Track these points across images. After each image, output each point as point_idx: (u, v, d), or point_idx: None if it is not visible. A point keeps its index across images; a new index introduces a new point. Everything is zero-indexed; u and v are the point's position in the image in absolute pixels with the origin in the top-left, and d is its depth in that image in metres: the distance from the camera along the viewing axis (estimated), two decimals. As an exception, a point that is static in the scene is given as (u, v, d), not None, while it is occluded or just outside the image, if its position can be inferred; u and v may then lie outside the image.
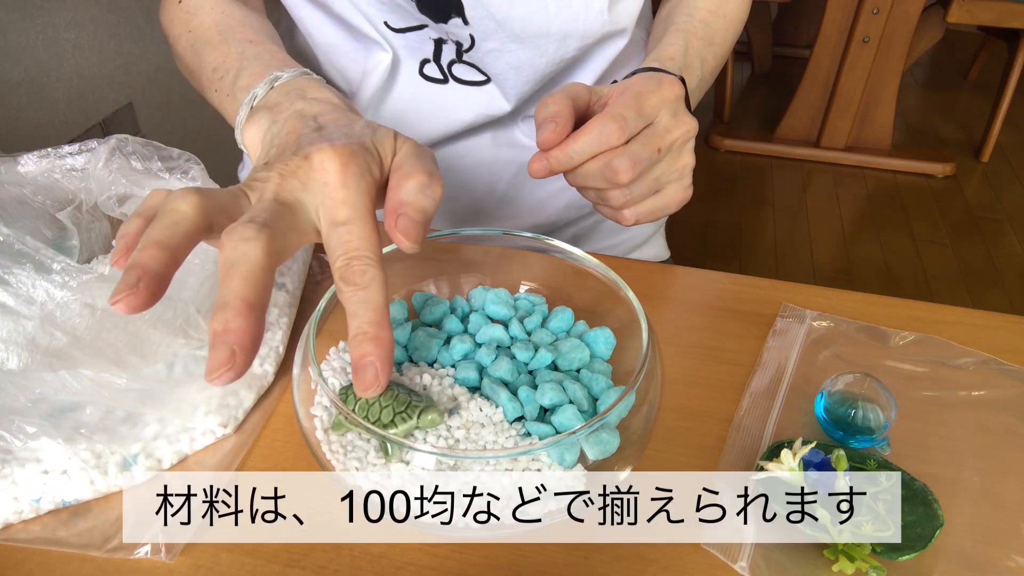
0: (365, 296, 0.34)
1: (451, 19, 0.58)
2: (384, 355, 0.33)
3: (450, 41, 0.61)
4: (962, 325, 0.54)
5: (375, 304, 0.34)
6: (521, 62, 0.61)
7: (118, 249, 0.35)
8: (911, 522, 0.39)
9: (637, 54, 0.72)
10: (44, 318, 0.38)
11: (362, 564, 0.38)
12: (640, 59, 0.74)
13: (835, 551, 0.37)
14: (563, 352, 0.43)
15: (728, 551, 0.38)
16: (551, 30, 0.59)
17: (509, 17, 0.58)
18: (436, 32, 0.61)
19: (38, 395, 0.41)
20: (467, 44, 0.61)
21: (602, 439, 0.39)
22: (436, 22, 0.59)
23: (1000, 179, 2.34)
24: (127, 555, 0.38)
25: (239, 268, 0.31)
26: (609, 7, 0.60)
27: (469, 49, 0.61)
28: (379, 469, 0.37)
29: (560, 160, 0.47)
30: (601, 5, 0.60)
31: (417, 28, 0.61)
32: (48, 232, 0.50)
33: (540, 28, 0.59)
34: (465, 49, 0.61)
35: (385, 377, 0.34)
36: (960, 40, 3.03)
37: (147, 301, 0.30)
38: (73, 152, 0.51)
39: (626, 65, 0.71)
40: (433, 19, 0.59)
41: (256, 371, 0.47)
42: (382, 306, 0.34)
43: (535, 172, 0.47)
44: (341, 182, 0.36)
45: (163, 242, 0.31)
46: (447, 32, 0.60)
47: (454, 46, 0.62)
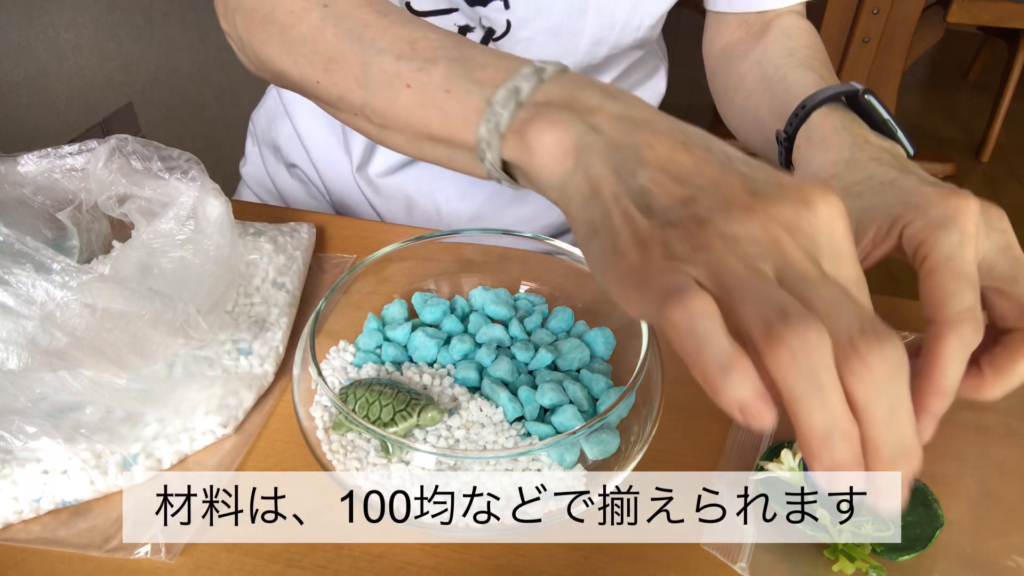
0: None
1: (492, 1, 0.57)
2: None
3: (478, 28, 0.60)
4: (962, 325, 0.54)
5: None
6: (549, 57, 0.60)
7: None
8: (911, 522, 0.39)
9: (648, 65, 0.72)
10: (44, 318, 0.38)
11: (362, 564, 0.38)
12: (651, 70, 0.74)
13: (835, 551, 0.37)
14: (563, 352, 0.44)
15: (728, 551, 0.38)
16: (585, 31, 0.59)
17: (549, 6, 0.57)
18: (464, 17, 0.59)
19: (38, 395, 0.41)
20: (500, 31, 0.59)
21: (602, 439, 0.39)
22: (472, 5, 0.57)
23: (1000, 179, 2.34)
24: (127, 555, 0.38)
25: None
26: (650, 26, 0.60)
27: (501, 37, 0.59)
28: (379, 469, 0.37)
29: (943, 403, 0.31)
30: (641, 23, 0.60)
31: (444, 12, 0.59)
32: (48, 232, 0.50)
33: (576, 26, 0.59)
34: (496, 37, 0.59)
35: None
36: (960, 40, 3.03)
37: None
38: (73, 152, 0.51)
39: (637, 73, 0.71)
40: (470, 1, 0.57)
41: (256, 371, 0.47)
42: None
43: (925, 434, 0.31)
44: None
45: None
46: (481, 17, 0.58)
47: (481, 33, 0.60)
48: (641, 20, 0.60)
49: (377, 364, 0.44)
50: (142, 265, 0.42)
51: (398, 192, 0.71)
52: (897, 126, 0.45)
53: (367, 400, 0.38)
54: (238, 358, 0.47)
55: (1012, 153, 2.46)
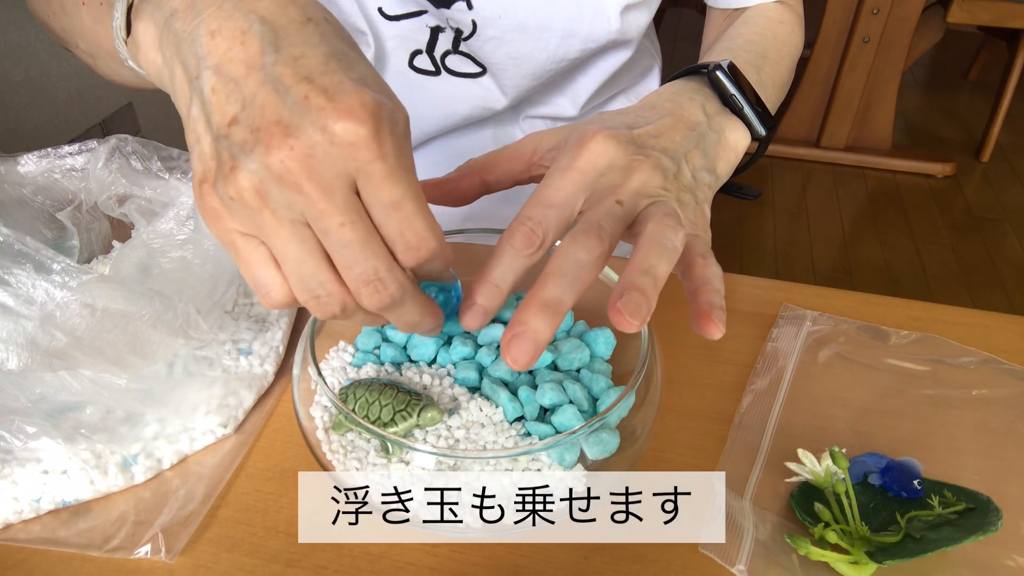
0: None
1: (455, 3, 0.57)
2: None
3: (448, 29, 0.60)
4: (962, 325, 0.54)
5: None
6: (521, 53, 0.60)
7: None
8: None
9: (641, 64, 0.72)
10: (44, 318, 0.38)
11: (362, 564, 0.38)
12: (644, 70, 0.74)
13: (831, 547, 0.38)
14: (563, 352, 0.43)
15: (728, 552, 0.38)
16: (554, 25, 0.59)
17: (513, 3, 0.57)
18: (434, 19, 0.60)
19: (38, 395, 0.41)
20: (468, 31, 0.59)
21: (602, 439, 0.39)
22: (438, 7, 0.58)
23: (1000, 179, 2.34)
24: (127, 555, 0.38)
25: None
26: (620, 16, 0.60)
27: (469, 37, 0.60)
28: (379, 469, 0.37)
29: (491, 295, 0.35)
30: (611, 13, 0.59)
31: (415, 15, 0.60)
32: (48, 232, 0.50)
33: (543, 21, 0.58)
34: (465, 37, 0.60)
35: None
36: (960, 40, 3.03)
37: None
38: (73, 152, 0.51)
39: (630, 74, 0.71)
40: (435, 3, 0.58)
41: (256, 371, 0.47)
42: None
43: (470, 324, 0.35)
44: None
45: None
46: (448, 18, 0.59)
47: (452, 34, 0.60)
48: (610, 10, 0.59)
49: (377, 364, 0.44)
50: (142, 265, 0.42)
51: None
52: (746, 103, 0.44)
53: (367, 400, 0.38)
54: (238, 358, 0.47)
55: (1012, 153, 2.46)
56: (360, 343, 0.46)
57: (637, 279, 0.31)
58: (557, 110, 0.69)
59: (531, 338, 0.31)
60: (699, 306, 0.34)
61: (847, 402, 0.48)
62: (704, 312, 0.33)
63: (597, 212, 0.35)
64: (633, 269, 0.32)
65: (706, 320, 0.33)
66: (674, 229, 0.34)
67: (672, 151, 0.39)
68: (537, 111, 0.69)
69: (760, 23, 0.60)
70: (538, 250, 0.34)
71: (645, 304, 0.31)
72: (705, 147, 0.42)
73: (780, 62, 0.57)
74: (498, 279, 0.34)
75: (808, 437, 0.45)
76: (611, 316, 0.31)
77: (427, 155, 0.70)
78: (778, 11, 0.62)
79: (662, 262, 0.32)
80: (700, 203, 0.40)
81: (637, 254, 0.33)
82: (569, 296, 0.32)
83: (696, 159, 0.41)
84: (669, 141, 0.40)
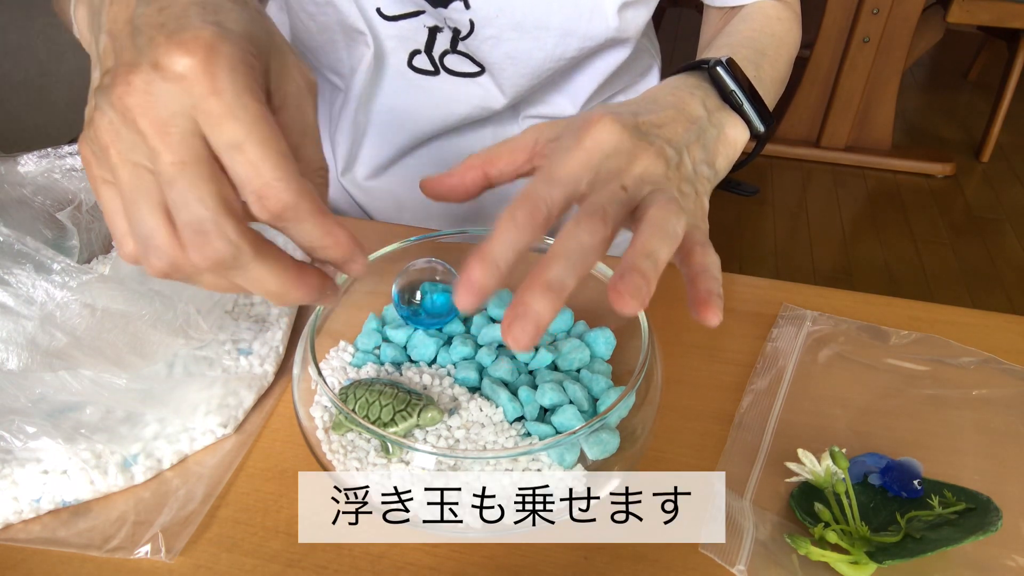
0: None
1: (452, 2, 0.58)
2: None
3: (446, 28, 0.60)
4: (962, 325, 0.54)
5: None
6: (519, 52, 0.60)
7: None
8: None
9: (641, 64, 0.72)
10: (44, 318, 0.38)
11: (362, 564, 0.38)
12: (644, 69, 0.74)
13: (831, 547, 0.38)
14: (563, 352, 0.44)
15: (728, 552, 0.38)
16: (551, 24, 0.59)
17: (511, 2, 0.57)
18: (432, 19, 0.60)
19: (38, 395, 0.41)
20: (465, 31, 0.60)
21: (602, 439, 0.39)
22: (435, 6, 0.58)
23: (1000, 179, 2.34)
24: (127, 555, 0.38)
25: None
26: (617, 14, 0.59)
27: (467, 36, 0.60)
28: (379, 469, 0.37)
29: (489, 272, 0.32)
30: (608, 11, 0.59)
31: (412, 15, 0.60)
32: (48, 232, 0.50)
33: (541, 19, 0.58)
34: (462, 36, 0.60)
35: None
36: (960, 40, 3.03)
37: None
38: (73, 152, 0.51)
39: (629, 73, 0.71)
40: (432, 3, 0.58)
41: (256, 371, 0.47)
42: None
43: (464, 302, 0.32)
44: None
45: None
46: (445, 18, 0.59)
47: (450, 34, 0.61)
48: (607, 8, 0.59)
49: (377, 364, 0.44)
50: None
51: (386, 194, 0.71)
52: (746, 99, 0.44)
53: (367, 400, 0.38)
54: (238, 358, 0.47)
55: (1012, 153, 2.46)
56: (360, 343, 0.46)
57: (639, 262, 0.31)
58: (556, 110, 0.69)
59: (532, 319, 0.30)
60: (697, 293, 0.34)
61: (847, 402, 0.48)
62: (703, 299, 0.33)
63: (601, 196, 0.34)
64: (635, 252, 0.32)
65: (704, 306, 0.33)
66: (676, 215, 0.34)
67: (675, 142, 0.40)
68: (536, 111, 0.69)
69: (758, 20, 0.60)
70: (540, 227, 0.33)
71: (645, 286, 0.31)
72: (705, 141, 0.42)
73: (778, 59, 0.57)
74: (497, 255, 0.32)
75: (808, 437, 0.45)
76: (611, 297, 0.30)
77: (427, 155, 0.70)
78: (776, 8, 0.62)
79: (664, 247, 0.32)
80: (700, 195, 0.40)
81: (639, 238, 0.33)
82: (571, 278, 0.31)
83: (696, 152, 0.41)
84: (672, 132, 0.40)
